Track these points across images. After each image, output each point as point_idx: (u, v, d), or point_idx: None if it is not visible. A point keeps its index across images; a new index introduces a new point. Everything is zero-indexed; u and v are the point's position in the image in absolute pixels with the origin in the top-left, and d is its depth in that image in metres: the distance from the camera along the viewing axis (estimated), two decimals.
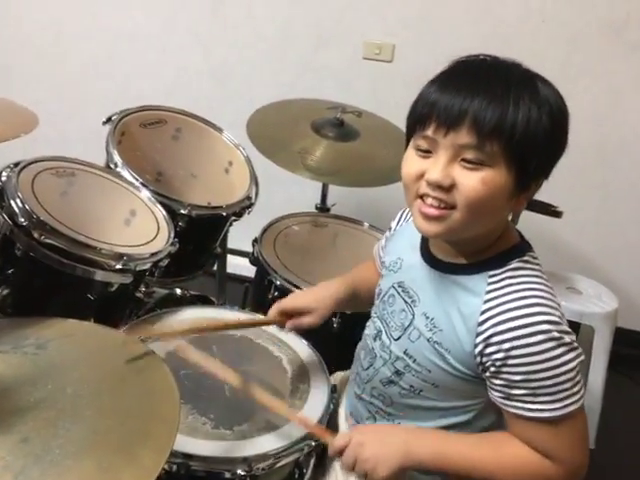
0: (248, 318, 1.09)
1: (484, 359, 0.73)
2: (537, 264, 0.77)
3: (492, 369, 0.73)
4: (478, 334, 0.73)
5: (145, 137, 1.29)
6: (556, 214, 1.53)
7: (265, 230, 1.45)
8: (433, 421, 0.82)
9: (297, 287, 1.28)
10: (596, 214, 1.95)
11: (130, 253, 0.94)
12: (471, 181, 0.68)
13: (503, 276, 0.74)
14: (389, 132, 1.64)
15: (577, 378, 0.71)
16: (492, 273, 0.75)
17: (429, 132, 0.70)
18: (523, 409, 0.72)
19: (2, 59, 2.17)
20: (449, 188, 0.69)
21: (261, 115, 1.57)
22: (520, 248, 0.77)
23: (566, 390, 0.71)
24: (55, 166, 1.00)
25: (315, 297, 0.96)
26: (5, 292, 0.89)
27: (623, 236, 1.96)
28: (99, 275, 0.91)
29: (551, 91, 0.71)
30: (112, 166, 1.15)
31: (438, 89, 0.70)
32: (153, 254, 0.98)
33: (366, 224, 1.58)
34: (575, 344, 0.71)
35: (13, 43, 2.15)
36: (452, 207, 0.70)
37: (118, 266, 0.91)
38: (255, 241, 1.40)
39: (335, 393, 0.96)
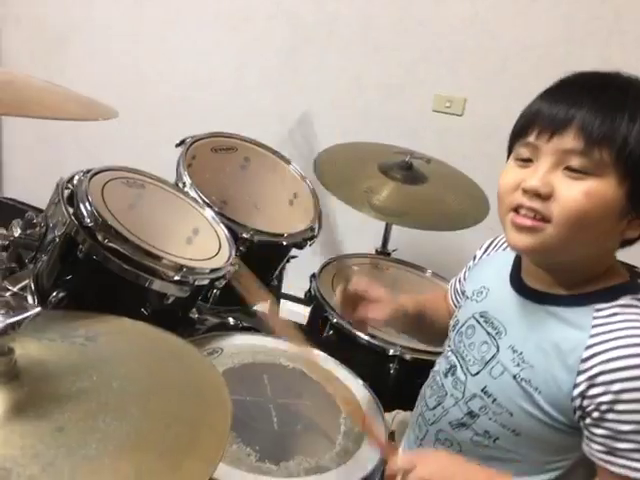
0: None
1: (585, 402, 0.63)
2: None
3: (595, 415, 0.62)
4: (580, 372, 0.63)
5: (215, 161, 1.30)
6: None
7: (324, 267, 1.41)
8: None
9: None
10: None
11: (190, 266, 0.91)
12: (573, 191, 0.61)
13: (613, 311, 0.65)
14: (458, 179, 1.60)
15: None
16: (600, 307, 0.65)
17: (531, 138, 0.64)
18: (629, 468, 0.61)
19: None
20: (547, 197, 0.62)
21: (329, 154, 1.56)
22: (633, 286, 0.68)
23: None
24: (126, 176, 1.00)
25: (388, 294, 0.86)
26: (61, 295, 0.87)
27: None
28: (157, 285, 0.88)
29: None
30: (181, 185, 1.15)
31: (543, 99, 0.65)
32: (212, 270, 0.95)
33: (429, 271, 1.51)
34: None
35: (97, 82, 2.28)
36: (547, 220, 0.63)
37: (177, 277, 0.88)
38: (313, 276, 1.36)
39: (393, 441, 0.87)
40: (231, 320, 1.29)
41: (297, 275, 1.43)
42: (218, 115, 2.18)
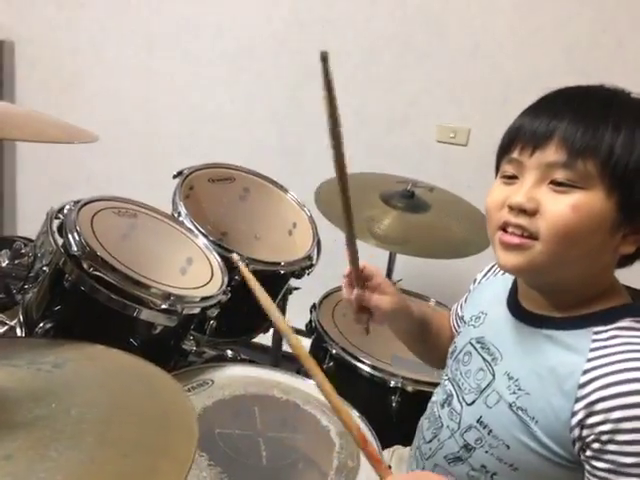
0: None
1: (585, 432, 0.58)
2: None
3: (595, 446, 0.57)
4: (578, 399, 0.59)
5: (212, 192, 1.30)
6: None
7: (325, 297, 1.39)
8: None
9: (355, 358, 1.17)
10: None
11: (178, 294, 0.89)
12: (559, 205, 0.58)
13: (612, 334, 0.61)
14: (461, 207, 1.58)
15: None
16: (598, 329, 0.62)
17: (514, 154, 0.63)
18: None
19: (94, 131, 2.36)
20: (533, 213, 0.59)
21: (330, 185, 1.55)
22: (633, 308, 0.64)
23: None
24: (117, 206, 1.00)
25: (395, 288, 0.82)
26: (48, 325, 0.86)
27: None
28: (144, 314, 0.86)
29: None
30: (176, 215, 1.14)
31: (525, 114, 0.64)
32: (203, 299, 0.93)
33: (433, 300, 1.47)
34: None
35: (108, 120, 2.34)
36: (535, 237, 0.60)
37: (164, 306, 0.86)
38: (313, 307, 1.33)
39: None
40: (229, 352, 1.27)
41: (301, 307, 1.41)
42: (225, 149, 2.20)
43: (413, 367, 1.14)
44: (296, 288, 1.42)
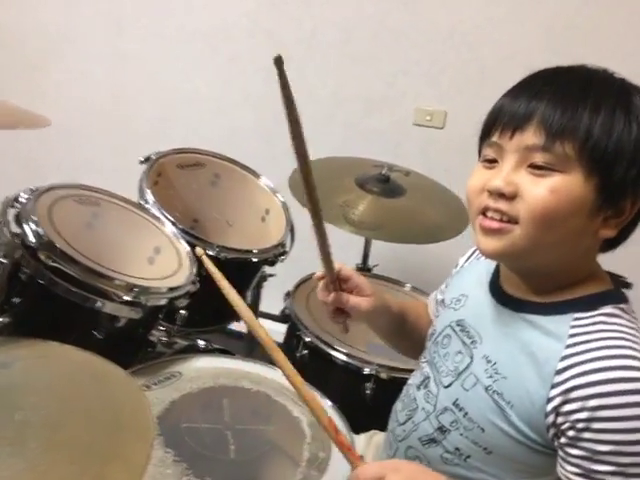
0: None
1: (560, 419, 0.57)
2: (634, 317, 0.62)
3: (570, 434, 0.57)
4: (554, 385, 0.58)
5: (182, 178, 1.26)
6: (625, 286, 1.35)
7: (299, 284, 1.36)
8: None
9: (329, 345, 1.16)
10: None
11: (143, 285, 0.86)
12: (538, 189, 0.58)
13: (593, 320, 0.60)
14: (438, 192, 1.56)
15: None
16: (579, 316, 0.61)
17: (495, 137, 0.61)
18: None
19: (63, 119, 2.28)
20: (512, 197, 0.59)
21: None
22: (616, 294, 0.63)
23: None
24: (78, 194, 0.96)
25: (372, 287, 0.80)
26: (6, 321, 0.82)
27: None
28: (107, 307, 0.83)
29: None
30: (143, 203, 1.11)
31: (506, 95, 0.63)
32: (170, 289, 0.90)
33: (408, 285, 1.46)
34: None
35: (78, 103, 2.26)
36: (515, 221, 0.59)
37: (127, 298, 0.83)
38: (287, 294, 1.31)
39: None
40: (201, 342, 1.24)
41: (276, 293, 1.39)
42: (199, 134, 2.15)
43: (388, 354, 1.13)
44: (271, 275, 1.40)
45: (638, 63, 1.62)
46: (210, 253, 1.10)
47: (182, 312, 1.11)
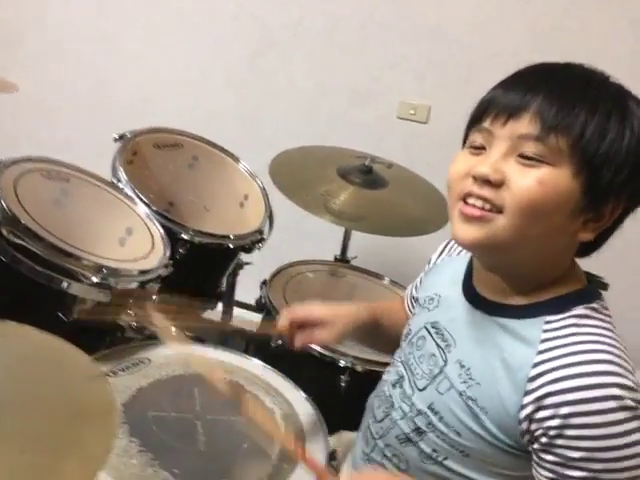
0: (248, 323, 0.92)
1: (533, 426, 0.57)
2: (608, 315, 0.61)
3: (543, 440, 0.56)
4: (527, 392, 0.57)
5: (158, 159, 1.22)
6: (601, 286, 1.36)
7: (276, 273, 1.33)
8: None
9: None
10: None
11: (113, 267, 0.82)
12: (526, 179, 0.56)
13: (564, 323, 0.59)
14: (419, 185, 1.55)
15: None
16: (550, 319, 0.60)
17: (486, 124, 0.59)
18: None
19: (37, 93, 2.20)
20: (499, 186, 0.57)
21: (286, 156, 1.49)
22: (587, 293, 0.62)
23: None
24: (47, 168, 0.91)
25: (333, 312, 0.81)
26: None
27: None
28: (74, 288, 0.79)
29: None
30: (115, 181, 1.06)
31: (500, 86, 0.61)
32: (141, 272, 0.86)
33: (387, 279, 1.45)
34: None
35: (53, 80, 2.18)
36: (498, 210, 0.57)
37: (95, 279, 0.79)
38: (264, 283, 1.28)
39: (334, 460, 0.79)
40: (173, 329, 1.20)
41: (253, 282, 1.35)
42: (180, 116, 2.08)
43: (364, 347, 1.11)
44: (247, 263, 1.37)
45: (625, 65, 1.64)
46: (184, 237, 1.06)
47: (154, 297, 1.07)
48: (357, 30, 1.88)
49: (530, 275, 0.62)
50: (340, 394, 1.09)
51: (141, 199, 1.04)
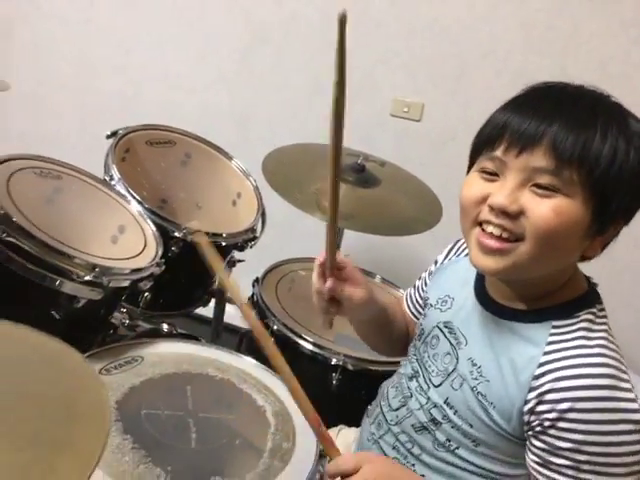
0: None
1: (532, 417, 0.61)
2: (604, 317, 0.65)
3: (537, 428, 0.61)
4: (532, 389, 0.61)
5: (150, 156, 1.21)
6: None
7: (268, 271, 1.34)
8: None
9: (296, 334, 1.14)
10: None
11: (105, 265, 0.82)
12: (543, 208, 0.58)
13: (571, 328, 0.63)
14: (412, 184, 1.56)
15: (635, 468, 0.58)
16: (557, 324, 0.64)
17: (498, 152, 0.61)
18: None
19: (25, 87, 2.18)
20: (515, 216, 0.59)
21: (278, 154, 1.49)
22: (589, 298, 0.66)
23: (619, 476, 0.58)
24: (39, 166, 0.91)
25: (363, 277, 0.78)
26: None
27: None
28: (66, 286, 0.79)
29: None
30: (108, 179, 1.06)
31: (512, 110, 0.62)
32: (133, 271, 0.86)
33: (378, 277, 1.46)
34: None
35: (43, 73, 2.16)
36: (517, 239, 0.60)
37: (88, 278, 0.79)
38: (256, 281, 1.28)
39: (325, 458, 0.79)
40: (165, 326, 1.20)
41: (245, 280, 1.36)
42: (170, 112, 2.08)
43: (355, 345, 1.12)
44: (240, 260, 1.37)
45: (617, 65, 1.66)
46: (177, 235, 1.06)
47: (146, 294, 1.07)
48: (350, 27, 1.86)
49: (541, 285, 0.66)
50: (332, 392, 1.10)
51: (134, 197, 1.04)
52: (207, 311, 1.49)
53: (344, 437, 0.94)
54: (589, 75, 1.83)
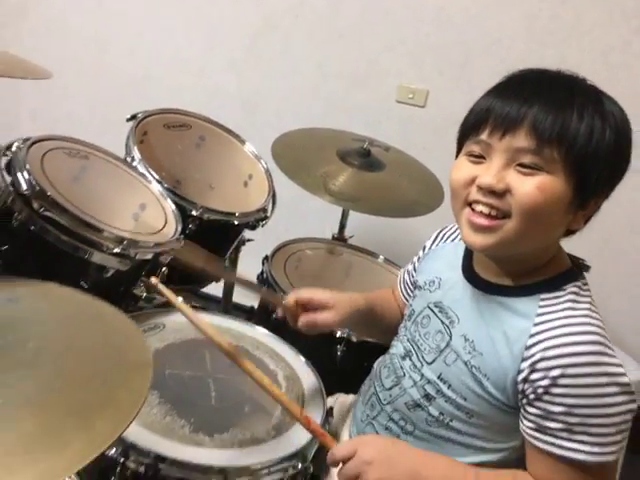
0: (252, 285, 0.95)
1: (526, 386, 0.65)
2: (588, 290, 0.70)
3: (531, 396, 0.65)
4: (525, 359, 0.66)
5: (167, 138, 1.28)
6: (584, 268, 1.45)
7: (277, 250, 1.40)
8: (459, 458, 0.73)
9: None
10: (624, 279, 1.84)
11: (132, 238, 0.89)
12: (527, 186, 0.63)
13: (558, 300, 0.67)
14: (415, 169, 1.61)
15: (623, 427, 0.63)
16: (545, 296, 0.68)
17: (483, 136, 0.66)
18: (554, 445, 0.64)
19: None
20: (502, 194, 0.64)
21: (288, 138, 1.55)
22: (574, 273, 0.71)
23: (609, 435, 0.62)
24: (68, 146, 0.97)
25: (334, 296, 0.87)
26: None
27: None
28: (97, 257, 0.86)
29: (616, 107, 0.66)
30: (129, 160, 1.12)
31: (495, 95, 0.67)
32: (157, 244, 0.93)
33: (381, 257, 1.52)
34: (631, 389, 0.63)
35: (55, 55, 2.20)
36: (505, 216, 0.64)
37: (117, 250, 0.86)
38: (265, 259, 1.35)
39: (331, 417, 0.87)
40: (180, 299, 1.27)
41: (254, 258, 1.42)
42: (181, 96, 2.13)
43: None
44: (249, 240, 1.44)
45: (618, 55, 1.70)
46: (194, 213, 1.13)
47: (163, 269, 1.14)
48: (358, 14, 1.92)
49: (528, 261, 0.70)
50: (336, 362, 1.17)
51: (154, 177, 1.10)
52: (216, 290, 1.56)
53: (341, 404, 0.99)
54: (591, 64, 1.89)
